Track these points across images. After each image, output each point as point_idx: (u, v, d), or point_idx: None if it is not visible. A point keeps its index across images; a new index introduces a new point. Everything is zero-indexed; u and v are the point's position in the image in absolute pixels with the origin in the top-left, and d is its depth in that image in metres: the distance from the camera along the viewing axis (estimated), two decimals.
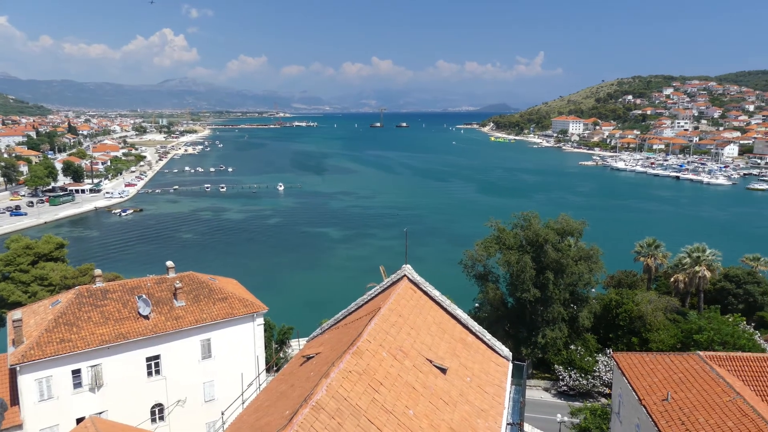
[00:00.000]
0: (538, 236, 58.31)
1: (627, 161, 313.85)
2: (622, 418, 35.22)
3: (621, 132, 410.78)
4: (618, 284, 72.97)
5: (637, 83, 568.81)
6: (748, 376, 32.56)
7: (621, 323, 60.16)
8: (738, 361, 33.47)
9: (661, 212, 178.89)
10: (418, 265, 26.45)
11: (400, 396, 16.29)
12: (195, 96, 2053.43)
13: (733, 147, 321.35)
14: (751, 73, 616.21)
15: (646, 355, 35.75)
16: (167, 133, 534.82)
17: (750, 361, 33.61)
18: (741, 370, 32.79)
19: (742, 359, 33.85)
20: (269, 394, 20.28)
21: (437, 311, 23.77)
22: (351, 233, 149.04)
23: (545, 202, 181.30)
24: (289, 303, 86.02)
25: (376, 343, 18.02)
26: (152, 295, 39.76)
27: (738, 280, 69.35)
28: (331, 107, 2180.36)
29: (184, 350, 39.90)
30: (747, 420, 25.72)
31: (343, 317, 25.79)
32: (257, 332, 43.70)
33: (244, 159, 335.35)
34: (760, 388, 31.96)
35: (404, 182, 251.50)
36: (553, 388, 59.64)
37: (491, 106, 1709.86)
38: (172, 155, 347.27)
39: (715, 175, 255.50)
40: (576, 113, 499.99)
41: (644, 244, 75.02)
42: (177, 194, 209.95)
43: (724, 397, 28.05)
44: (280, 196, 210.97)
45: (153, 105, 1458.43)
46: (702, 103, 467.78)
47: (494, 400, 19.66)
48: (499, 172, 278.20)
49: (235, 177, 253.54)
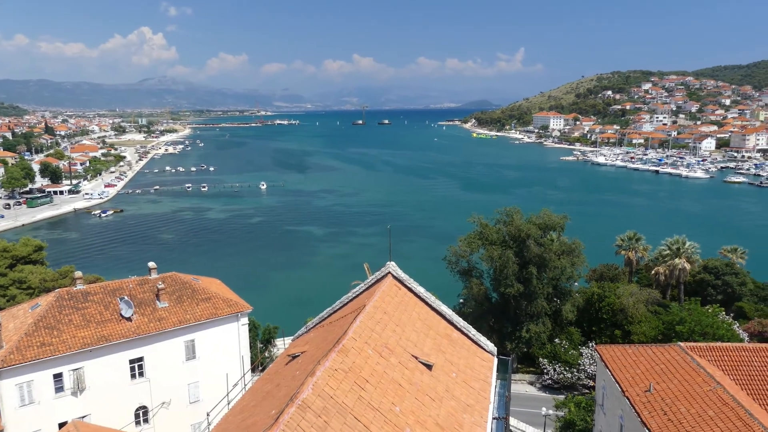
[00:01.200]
0: (521, 231, 58.69)
1: (607, 156, 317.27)
2: (606, 410, 35.65)
3: (601, 127, 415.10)
4: (600, 278, 73.75)
5: (616, 78, 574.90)
6: (727, 365, 33.13)
7: (604, 316, 60.83)
8: (718, 352, 34.04)
9: (641, 206, 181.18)
10: (402, 262, 26.47)
11: (386, 393, 16.31)
12: (175, 95, 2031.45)
13: (711, 141, 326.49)
14: (727, 68, 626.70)
15: (629, 347, 36.21)
16: (147, 132, 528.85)
17: (729, 351, 34.19)
18: (721, 360, 33.36)
19: (721, 349, 34.42)
20: (255, 394, 20.18)
21: (422, 308, 23.83)
22: (334, 231, 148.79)
23: (527, 198, 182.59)
24: (273, 302, 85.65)
25: (362, 341, 18.02)
26: (134, 297, 39.34)
27: (717, 272, 70.51)
28: (312, 105, 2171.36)
29: (168, 352, 39.55)
30: (727, 409, 26.18)
31: (328, 315, 25.74)
32: (242, 332, 43.46)
33: (225, 158, 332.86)
34: (739, 377, 32.54)
35: (387, 179, 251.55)
36: (537, 381, 60.16)
37: (473, 103, 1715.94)
38: (152, 155, 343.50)
39: (693, 169, 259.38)
40: (556, 109, 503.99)
41: (625, 237, 75.95)
42: (158, 194, 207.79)
43: (704, 386, 28.52)
44: (262, 195, 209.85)
45: (132, 104, 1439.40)
46: (680, 98, 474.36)
47: (480, 395, 19.78)
48: (481, 168, 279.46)
49: (216, 176, 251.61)
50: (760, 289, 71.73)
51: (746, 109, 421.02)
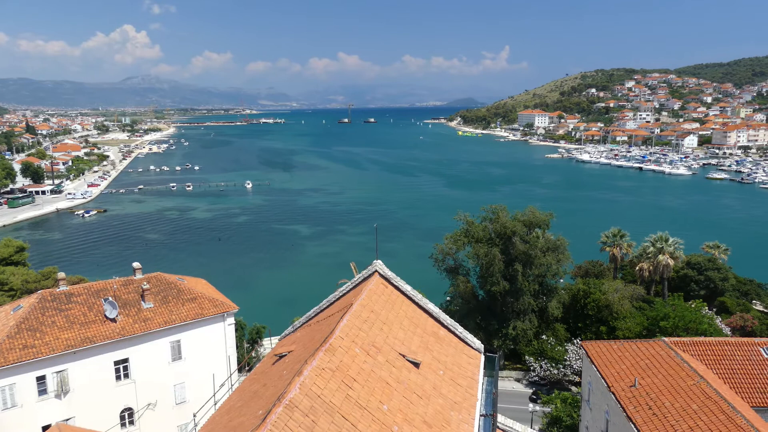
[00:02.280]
0: (506, 229, 59.00)
1: (592, 153, 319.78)
2: (592, 405, 35.95)
3: (585, 125, 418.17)
4: (585, 274, 74.40)
5: (600, 76, 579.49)
6: (710, 359, 33.59)
7: (589, 312, 61.35)
8: (701, 346, 34.49)
9: (625, 202, 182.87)
10: (389, 261, 26.46)
11: (374, 391, 16.30)
12: (159, 93, 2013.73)
13: (693, 138, 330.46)
14: (708, 66, 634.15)
15: (614, 342, 36.55)
16: (131, 131, 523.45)
17: (712, 346, 34.66)
18: (704, 355, 33.81)
19: (704, 344, 34.89)
20: (242, 394, 20.08)
21: (409, 306, 23.84)
22: (321, 230, 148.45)
23: (513, 195, 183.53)
24: (260, 302, 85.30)
25: (349, 340, 17.98)
26: (119, 298, 38.94)
27: (699, 267, 71.41)
28: (298, 103, 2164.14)
29: (154, 352, 39.22)
30: (710, 402, 26.53)
31: (315, 315, 25.67)
32: (228, 332, 43.21)
33: (210, 157, 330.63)
34: (721, 371, 33.01)
35: (373, 178, 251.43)
36: (524, 378, 60.54)
37: (458, 101, 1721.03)
38: (136, 154, 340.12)
39: (676, 166, 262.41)
40: (541, 107, 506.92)
41: (610, 234, 76.63)
42: (142, 194, 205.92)
43: (688, 381, 28.88)
44: (248, 194, 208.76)
45: (115, 103, 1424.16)
46: (662, 96, 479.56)
47: (467, 392, 19.83)
48: (466, 166, 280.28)
49: (201, 175, 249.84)
50: (742, 284, 72.84)
51: (727, 106, 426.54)
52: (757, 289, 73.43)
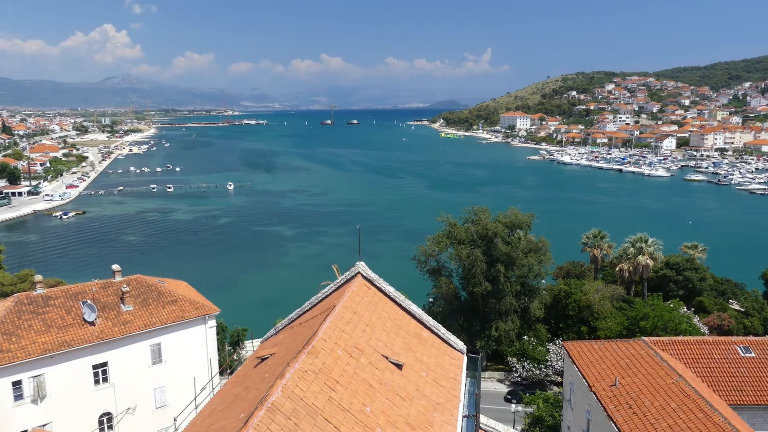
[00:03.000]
0: (488, 230, 59.29)
1: (572, 155, 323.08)
2: (574, 405, 36.23)
3: (566, 127, 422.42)
4: (566, 275, 75.02)
5: (581, 79, 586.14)
6: (688, 358, 34.06)
7: (570, 313, 61.87)
8: (679, 345, 34.96)
9: (605, 204, 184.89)
10: (372, 262, 26.43)
11: (357, 393, 16.25)
12: (139, 94, 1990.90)
13: (671, 140, 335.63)
14: (686, 69, 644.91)
15: (595, 342, 36.90)
16: (110, 132, 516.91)
17: (690, 345, 35.16)
18: (682, 354, 34.27)
19: (683, 343, 35.37)
20: (223, 397, 19.89)
21: (392, 307, 23.82)
22: (303, 231, 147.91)
23: (495, 196, 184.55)
24: (242, 304, 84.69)
25: (332, 342, 17.92)
26: (98, 300, 38.39)
27: (678, 268, 72.40)
28: (280, 105, 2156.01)
29: (133, 356, 38.73)
30: (689, 401, 26.90)
31: (297, 317, 25.54)
32: (209, 335, 42.84)
33: (192, 158, 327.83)
34: (700, 369, 33.49)
35: (356, 179, 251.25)
36: (507, 378, 60.84)
37: (441, 103, 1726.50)
38: (116, 155, 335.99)
39: (655, 168, 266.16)
40: (523, 109, 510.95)
41: (590, 235, 77.39)
42: (122, 195, 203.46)
43: (667, 380, 29.25)
44: (230, 196, 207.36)
45: (95, 103, 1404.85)
46: (642, 98, 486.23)
47: (450, 393, 19.87)
48: (449, 168, 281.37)
49: (183, 177, 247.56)
50: (719, 284, 73.98)
51: (704, 109, 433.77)
52: (734, 288, 74.61)
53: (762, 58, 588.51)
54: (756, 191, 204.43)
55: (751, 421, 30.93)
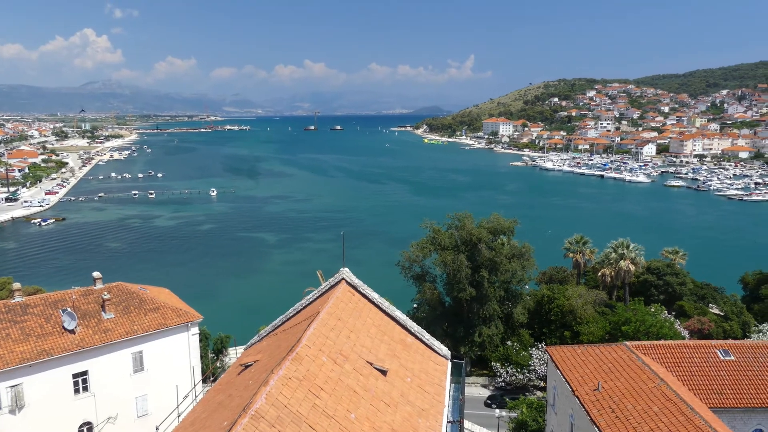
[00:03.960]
0: (472, 236, 59.55)
1: (555, 161, 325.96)
2: (557, 410, 36.44)
3: (548, 133, 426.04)
4: (549, 280, 75.57)
5: (562, 86, 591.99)
6: (670, 362, 34.45)
7: (553, 318, 62.29)
8: (661, 349, 35.35)
9: (587, 209, 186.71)
10: (356, 268, 26.41)
11: (341, 400, 16.20)
12: (120, 99, 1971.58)
13: (651, 146, 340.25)
14: (665, 77, 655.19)
15: (578, 347, 37.18)
16: (91, 138, 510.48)
17: (671, 349, 35.57)
18: (664, 358, 34.66)
19: (664, 347, 35.78)
20: (206, 405, 19.72)
21: (376, 313, 23.82)
22: (287, 237, 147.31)
23: (478, 202, 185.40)
24: (225, 311, 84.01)
25: (316, 348, 17.86)
26: (78, 308, 37.85)
27: (659, 273, 73.28)
28: (263, 110, 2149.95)
29: (114, 364, 38.21)
30: (670, 404, 27.20)
31: (281, 323, 25.43)
32: (192, 342, 42.43)
33: (174, 164, 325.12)
34: (681, 373, 33.89)
35: (339, 185, 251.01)
36: (491, 384, 61.02)
37: (424, 109, 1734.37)
38: (96, 161, 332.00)
39: (635, 174, 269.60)
40: (506, 115, 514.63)
41: (573, 240, 78.09)
42: (103, 202, 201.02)
43: (649, 383, 29.55)
44: (212, 202, 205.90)
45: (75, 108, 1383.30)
46: (622, 105, 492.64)
47: (434, 399, 19.89)
48: (432, 174, 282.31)
49: (165, 183, 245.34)
50: (699, 288, 75.01)
51: (683, 116, 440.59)
52: (713, 293, 75.70)
53: (738, 66, 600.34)
54: (734, 197, 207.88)
55: (731, 423, 31.36)
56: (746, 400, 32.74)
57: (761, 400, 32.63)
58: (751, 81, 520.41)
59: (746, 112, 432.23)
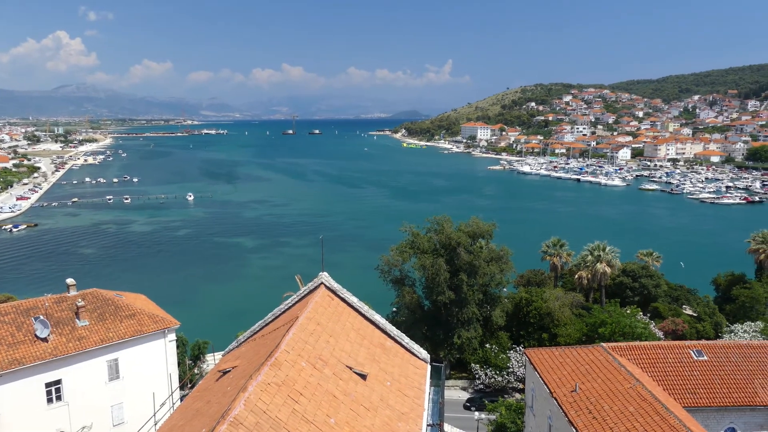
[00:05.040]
0: (451, 239, 59.82)
1: (532, 165, 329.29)
2: (536, 411, 36.73)
3: (526, 137, 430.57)
4: (527, 283, 76.24)
5: (539, 90, 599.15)
6: (645, 363, 34.97)
7: (531, 320, 62.81)
8: (636, 350, 35.87)
9: (564, 213, 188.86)
10: (335, 272, 26.38)
11: (321, 405, 16.15)
12: (94, 103, 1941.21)
13: (626, 150, 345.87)
14: (640, 82, 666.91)
15: (555, 349, 37.55)
16: (64, 142, 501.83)
17: (647, 350, 36.12)
18: (639, 359, 35.17)
19: (639, 348, 36.31)
20: (184, 412, 19.49)
21: (356, 317, 23.80)
22: (265, 242, 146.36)
23: (457, 206, 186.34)
24: (203, 316, 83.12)
25: (295, 353, 17.79)
26: (51, 316, 37.12)
27: (634, 275, 74.37)
28: (241, 114, 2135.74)
29: (89, 372, 37.55)
30: (645, 404, 27.61)
31: (260, 328, 25.26)
32: (169, 349, 41.89)
33: (150, 168, 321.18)
34: (656, 373, 34.43)
35: (318, 189, 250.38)
36: (470, 386, 61.28)
37: (403, 113, 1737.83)
38: (70, 166, 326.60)
39: (611, 177, 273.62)
40: (483, 119, 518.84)
41: (550, 243, 78.90)
42: (77, 207, 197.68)
43: (625, 384, 29.96)
44: (189, 207, 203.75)
45: (47, 112, 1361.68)
46: (598, 110, 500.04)
47: (414, 402, 19.92)
48: (411, 178, 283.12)
49: (140, 187, 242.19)
50: (673, 290, 76.33)
51: (657, 120, 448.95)
52: (687, 294, 77.06)
53: (709, 72, 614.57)
54: (706, 200, 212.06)
55: (705, 422, 31.93)
56: (719, 399, 33.38)
57: (733, 399, 33.30)
58: (721, 87, 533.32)
59: (717, 117, 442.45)
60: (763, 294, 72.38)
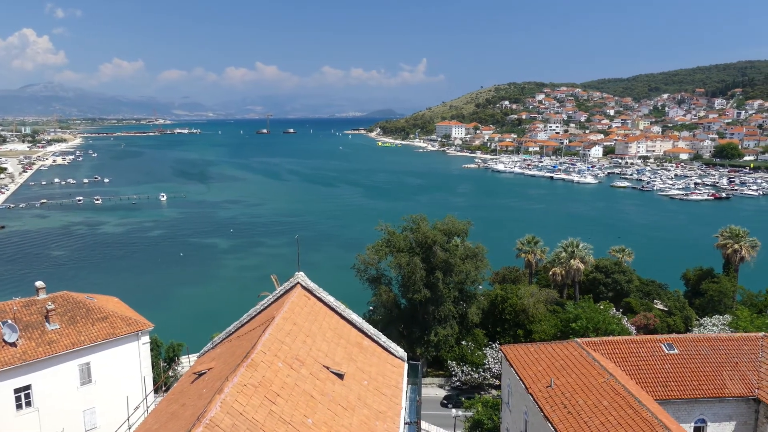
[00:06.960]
0: (427, 238, 60.03)
1: (506, 163, 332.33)
2: (512, 407, 37.09)
3: (500, 136, 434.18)
4: (503, 280, 76.93)
5: (513, 89, 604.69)
6: (618, 357, 35.54)
7: (507, 317, 63.38)
8: (609, 345, 36.44)
9: (538, 210, 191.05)
10: (311, 272, 26.26)
11: (298, 405, 16.08)
12: (63, 102, 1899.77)
13: (598, 148, 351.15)
14: (610, 81, 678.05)
15: (531, 345, 37.94)
16: (32, 142, 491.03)
17: (620, 344, 36.71)
18: (612, 353, 35.73)
19: (612, 343, 36.89)
20: (158, 415, 19.22)
21: (332, 317, 23.75)
22: (240, 242, 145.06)
23: (432, 204, 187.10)
24: (177, 318, 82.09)
25: (272, 354, 17.66)
26: (20, 320, 36.25)
27: (607, 271, 75.56)
28: (214, 113, 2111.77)
29: (60, 377, 36.76)
30: (619, 398, 28.08)
31: (235, 329, 25.04)
32: (143, 351, 41.25)
33: (121, 169, 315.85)
34: (629, 367, 35.00)
35: (293, 189, 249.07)
36: (447, 384, 61.60)
37: (378, 112, 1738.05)
38: (38, 166, 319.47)
39: (583, 175, 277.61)
40: (458, 118, 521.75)
41: (525, 241, 79.67)
42: (45, 208, 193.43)
43: (599, 379, 30.43)
44: (162, 207, 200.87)
45: (14, 112, 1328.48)
46: (570, 108, 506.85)
47: (392, 401, 19.95)
48: (387, 176, 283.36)
49: (112, 188, 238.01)
50: (644, 285, 77.79)
51: (628, 119, 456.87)
52: (658, 289, 78.60)
53: (677, 72, 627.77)
54: (675, 196, 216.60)
55: (676, 414, 32.58)
56: (689, 391, 34.07)
57: (703, 391, 34.03)
58: (689, 86, 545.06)
59: (686, 115, 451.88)
60: (730, 288, 74.26)
